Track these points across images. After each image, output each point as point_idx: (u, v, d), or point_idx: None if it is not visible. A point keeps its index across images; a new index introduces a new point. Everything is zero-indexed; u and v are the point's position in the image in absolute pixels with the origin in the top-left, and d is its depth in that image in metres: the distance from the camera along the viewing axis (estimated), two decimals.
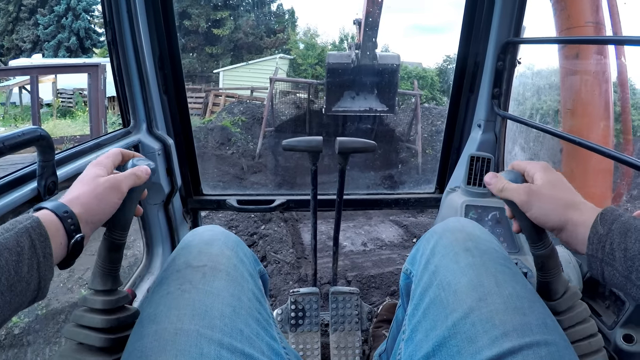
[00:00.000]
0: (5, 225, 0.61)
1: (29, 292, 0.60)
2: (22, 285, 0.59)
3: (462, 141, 1.93)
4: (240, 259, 0.90)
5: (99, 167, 0.80)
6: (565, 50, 2.25)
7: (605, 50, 2.20)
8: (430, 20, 39.46)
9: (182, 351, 0.64)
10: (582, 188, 2.25)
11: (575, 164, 2.29)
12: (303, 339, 1.74)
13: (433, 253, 0.90)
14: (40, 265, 0.61)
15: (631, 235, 0.66)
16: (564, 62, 2.26)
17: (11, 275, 0.57)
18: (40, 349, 3.19)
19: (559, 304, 0.84)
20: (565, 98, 2.29)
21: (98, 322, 0.77)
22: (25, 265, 0.59)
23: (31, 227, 0.62)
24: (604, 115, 2.20)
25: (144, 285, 1.66)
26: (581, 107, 2.25)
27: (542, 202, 0.78)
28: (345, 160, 1.46)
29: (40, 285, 0.62)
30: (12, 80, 14.44)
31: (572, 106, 2.28)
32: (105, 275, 0.81)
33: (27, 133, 0.84)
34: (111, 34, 1.50)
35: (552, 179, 0.81)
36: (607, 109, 2.20)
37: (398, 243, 5.58)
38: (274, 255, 4.67)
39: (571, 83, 2.24)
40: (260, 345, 0.75)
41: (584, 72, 2.19)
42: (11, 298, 0.57)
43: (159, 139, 1.66)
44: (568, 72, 2.26)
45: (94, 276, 0.81)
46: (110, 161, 0.84)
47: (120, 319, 0.80)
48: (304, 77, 17.61)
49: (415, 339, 0.81)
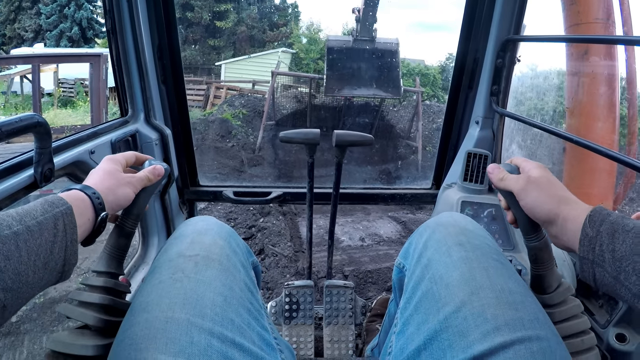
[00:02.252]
0: (43, 205, 0.66)
1: (56, 272, 0.65)
2: (53, 264, 0.63)
3: (459, 137, 1.93)
4: (233, 249, 0.91)
5: (116, 163, 0.89)
6: (573, 48, 2.22)
7: (614, 50, 2.17)
8: (434, 18, 39.37)
9: (172, 339, 0.65)
10: (583, 188, 2.24)
11: (577, 162, 2.28)
12: (297, 332, 1.74)
13: (426, 247, 0.90)
14: (67, 249, 0.66)
15: (619, 237, 0.66)
16: (570, 60, 2.24)
17: (47, 253, 0.62)
18: (38, 337, 3.20)
19: (552, 298, 0.85)
20: (569, 97, 2.27)
21: (95, 298, 0.79)
22: (57, 246, 0.64)
23: (65, 213, 0.67)
24: (608, 116, 2.17)
25: (138, 275, 1.67)
26: (584, 106, 2.23)
27: (537, 192, 0.81)
28: (342, 153, 1.46)
29: (65, 268, 0.66)
30: (14, 69, 14.41)
31: (575, 105, 2.26)
32: (110, 258, 0.86)
33: (24, 119, 0.84)
34: (111, 23, 1.50)
35: (548, 176, 0.83)
36: (612, 110, 2.17)
37: (396, 239, 5.59)
38: (271, 248, 4.68)
39: (576, 82, 2.22)
40: (251, 335, 0.75)
41: (589, 71, 2.16)
42: (43, 275, 0.62)
43: (157, 128, 1.66)
44: (574, 70, 2.24)
45: (100, 259, 0.85)
46: (124, 160, 0.92)
47: (116, 301, 0.82)
48: (306, 72, 17.58)
49: (406, 332, 0.81)
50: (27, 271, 0.58)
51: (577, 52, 2.21)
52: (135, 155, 0.97)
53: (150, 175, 0.92)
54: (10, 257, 0.56)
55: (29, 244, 0.59)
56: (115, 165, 0.88)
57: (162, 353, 0.63)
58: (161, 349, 0.63)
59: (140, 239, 1.78)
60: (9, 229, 0.58)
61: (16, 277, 0.56)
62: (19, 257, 0.57)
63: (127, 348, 0.65)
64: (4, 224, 0.58)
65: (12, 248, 0.56)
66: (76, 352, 0.73)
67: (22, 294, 0.57)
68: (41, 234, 0.61)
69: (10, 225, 0.58)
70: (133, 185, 0.86)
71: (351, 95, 10.12)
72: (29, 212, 0.63)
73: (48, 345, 0.73)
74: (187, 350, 0.64)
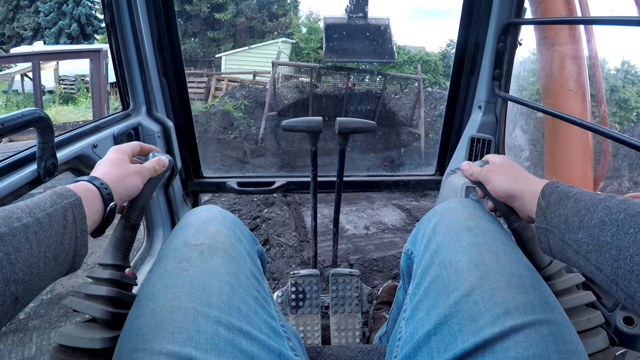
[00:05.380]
0: (52, 196, 0.66)
1: (66, 264, 0.65)
2: (63, 255, 0.64)
3: (462, 123, 1.92)
4: (238, 237, 0.91)
5: (123, 154, 0.89)
6: (541, 32, 2.29)
7: (578, 33, 2.28)
8: (434, 4, 39.09)
9: (179, 328, 0.65)
10: (562, 174, 2.29)
11: (555, 149, 2.35)
12: (303, 321, 1.75)
13: (434, 232, 0.91)
14: (78, 240, 0.66)
15: (564, 203, 0.72)
16: (540, 45, 2.31)
17: (57, 245, 0.62)
18: (46, 333, 3.22)
19: (548, 270, 0.89)
20: (542, 78, 2.35)
21: (102, 291, 0.80)
22: (67, 237, 0.64)
23: (74, 204, 0.68)
24: (578, 94, 2.27)
25: (144, 268, 1.68)
26: (556, 88, 2.31)
27: (497, 175, 0.90)
28: (345, 140, 1.46)
29: (75, 259, 0.67)
30: (14, 67, 14.40)
31: (548, 86, 2.33)
32: (116, 251, 0.86)
33: (26, 114, 0.84)
34: (109, 17, 1.49)
35: (508, 162, 0.94)
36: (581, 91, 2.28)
37: (400, 227, 5.59)
38: (276, 239, 4.69)
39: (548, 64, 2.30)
40: (258, 322, 0.75)
41: (558, 53, 2.27)
42: (54, 266, 0.62)
43: (159, 121, 1.66)
44: (544, 53, 2.31)
45: (106, 252, 0.86)
46: (130, 150, 0.93)
47: (123, 293, 0.82)
48: (306, 61, 17.51)
49: (416, 318, 0.81)
50: (38, 263, 0.58)
51: (548, 36, 2.29)
52: (140, 145, 0.98)
53: (157, 166, 0.93)
54: (20, 249, 0.56)
55: (39, 235, 0.59)
56: (122, 155, 0.88)
57: (169, 342, 0.63)
58: (168, 338, 0.64)
59: (145, 231, 1.79)
60: (18, 221, 0.58)
61: (27, 269, 0.56)
62: (29, 249, 0.57)
63: (134, 338, 0.65)
64: (13, 217, 0.58)
65: (22, 240, 0.57)
66: (83, 345, 0.73)
67: (34, 286, 0.58)
68: (51, 225, 0.62)
69: (20, 217, 0.59)
70: (141, 175, 0.87)
71: (349, 60, 10.80)
72: (38, 204, 0.63)
73: (55, 339, 0.73)
74: (194, 339, 0.64)
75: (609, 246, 0.61)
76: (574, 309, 0.85)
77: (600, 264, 0.62)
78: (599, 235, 0.63)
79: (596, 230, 0.64)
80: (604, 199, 0.67)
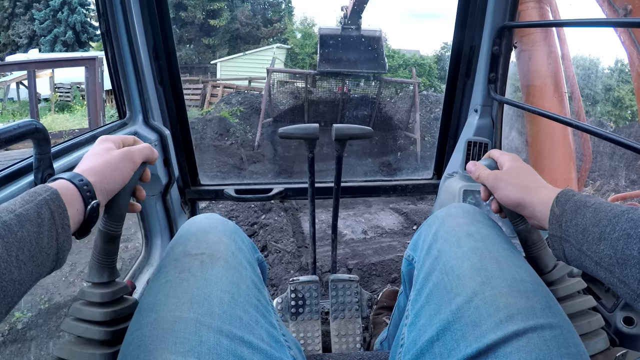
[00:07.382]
0: (24, 196, 0.62)
1: (48, 262, 0.62)
2: (42, 256, 0.60)
3: (459, 127, 1.92)
4: (239, 246, 0.90)
5: (109, 142, 0.83)
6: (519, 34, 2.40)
7: (552, 36, 2.42)
8: (428, 7, 39.24)
9: (181, 339, 0.65)
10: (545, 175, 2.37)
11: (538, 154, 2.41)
12: (304, 327, 1.75)
13: (435, 238, 0.91)
14: (59, 236, 0.63)
15: (581, 212, 0.70)
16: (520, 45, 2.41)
17: (32, 246, 0.58)
18: (44, 343, 3.21)
19: (552, 275, 0.87)
20: (522, 79, 2.46)
21: (97, 315, 0.78)
22: (45, 236, 0.60)
23: (50, 199, 0.63)
24: (556, 94, 2.40)
25: (143, 277, 1.67)
26: (535, 87, 2.42)
27: (505, 185, 0.87)
28: (342, 147, 1.46)
29: (59, 255, 0.63)
30: (10, 75, 14.37)
31: (528, 87, 2.42)
32: (102, 267, 0.82)
33: (22, 126, 0.83)
34: (105, 26, 1.49)
35: (517, 167, 0.90)
36: (559, 90, 2.42)
37: (398, 230, 5.59)
38: (274, 245, 4.68)
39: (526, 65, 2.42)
40: (260, 332, 0.75)
41: (535, 53, 2.39)
42: (32, 268, 0.58)
43: (156, 129, 1.66)
44: (522, 54, 2.42)
45: (91, 269, 0.82)
46: (120, 139, 0.86)
47: (118, 310, 0.81)
48: (301, 67, 17.57)
49: (418, 324, 0.81)
50: (10, 268, 0.55)
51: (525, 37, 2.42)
52: (134, 140, 0.91)
53: (148, 150, 0.86)
54: None
55: (7, 239, 0.55)
56: (108, 144, 0.82)
57: (172, 353, 0.63)
58: (170, 348, 0.63)
59: (144, 240, 1.78)
60: None
61: None
62: None
63: (136, 349, 0.65)
64: None
65: None
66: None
67: (9, 292, 0.54)
68: (21, 226, 0.58)
69: None
70: (131, 160, 0.81)
71: (342, 70, 11.12)
72: (7, 206, 0.59)
73: (55, 353, 0.73)
74: (196, 350, 0.64)
75: (635, 260, 0.60)
76: (576, 313, 0.85)
77: (626, 278, 0.61)
78: (624, 249, 0.62)
79: (620, 243, 0.63)
80: (626, 210, 0.66)
